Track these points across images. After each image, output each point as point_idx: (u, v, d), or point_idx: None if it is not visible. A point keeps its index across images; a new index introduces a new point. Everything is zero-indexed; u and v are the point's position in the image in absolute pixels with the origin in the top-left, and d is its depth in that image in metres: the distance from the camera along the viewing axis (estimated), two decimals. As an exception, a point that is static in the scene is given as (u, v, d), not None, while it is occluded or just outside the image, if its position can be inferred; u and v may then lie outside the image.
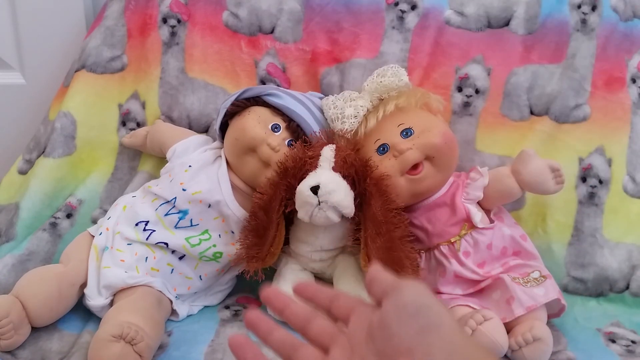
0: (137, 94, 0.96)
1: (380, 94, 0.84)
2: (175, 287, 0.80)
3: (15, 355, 0.70)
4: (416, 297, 0.34)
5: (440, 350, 0.32)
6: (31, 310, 0.71)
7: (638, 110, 0.93)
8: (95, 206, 0.93)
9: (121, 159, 0.95)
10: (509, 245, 0.82)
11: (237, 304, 0.85)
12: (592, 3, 0.92)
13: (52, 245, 0.87)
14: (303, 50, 0.94)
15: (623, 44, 0.93)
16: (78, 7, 1.02)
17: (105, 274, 0.76)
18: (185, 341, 0.75)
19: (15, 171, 0.96)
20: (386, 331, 0.33)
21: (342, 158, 0.76)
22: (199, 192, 0.80)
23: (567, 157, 0.91)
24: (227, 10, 0.95)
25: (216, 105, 0.93)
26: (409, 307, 0.33)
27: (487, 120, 0.92)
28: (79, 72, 0.95)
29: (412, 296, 0.34)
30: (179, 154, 0.86)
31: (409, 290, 0.34)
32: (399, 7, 0.93)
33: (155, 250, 0.79)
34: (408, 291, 0.34)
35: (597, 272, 0.89)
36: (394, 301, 0.34)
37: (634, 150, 0.92)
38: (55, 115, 0.95)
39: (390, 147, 0.80)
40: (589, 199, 0.91)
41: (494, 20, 0.93)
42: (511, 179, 0.81)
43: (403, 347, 0.32)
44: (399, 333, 0.33)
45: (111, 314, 0.70)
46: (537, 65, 0.93)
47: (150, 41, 0.95)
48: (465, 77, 0.92)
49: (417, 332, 0.32)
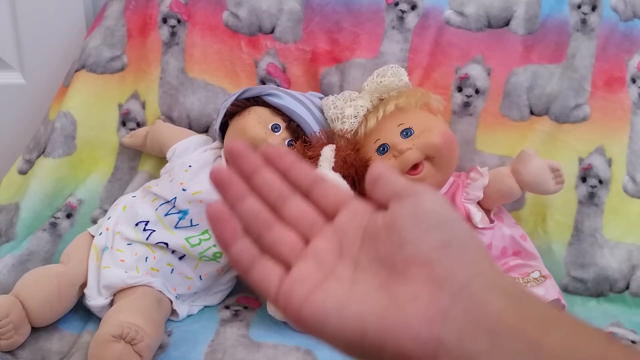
0: (137, 94, 0.96)
1: (380, 94, 0.84)
2: (175, 287, 0.80)
3: (15, 355, 0.70)
4: (440, 207, 0.30)
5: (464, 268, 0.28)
6: (31, 310, 0.71)
7: (638, 110, 0.93)
8: (95, 206, 0.93)
9: (121, 159, 0.95)
10: (509, 245, 0.82)
11: (237, 304, 0.85)
12: (592, 3, 0.92)
13: (52, 245, 0.87)
14: (303, 50, 0.94)
15: (623, 44, 0.93)
16: (78, 7, 1.02)
17: (105, 274, 0.76)
18: (185, 341, 0.75)
19: (15, 171, 0.96)
20: (398, 237, 0.29)
21: (342, 158, 0.76)
22: (199, 192, 0.80)
23: (567, 157, 0.91)
24: (227, 10, 0.95)
25: (216, 105, 0.93)
26: (431, 217, 0.29)
27: (487, 120, 0.92)
28: (79, 72, 0.95)
29: (435, 206, 0.30)
30: (179, 154, 0.86)
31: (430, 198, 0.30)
32: (399, 7, 0.93)
33: (155, 250, 0.79)
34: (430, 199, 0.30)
35: (597, 272, 0.89)
36: (412, 207, 0.30)
37: (634, 150, 0.92)
38: (55, 115, 0.95)
39: (390, 147, 0.80)
40: (589, 199, 0.91)
41: (494, 20, 0.93)
42: (511, 179, 0.81)
43: (420, 259, 0.28)
44: (416, 242, 0.29)
45: (111, 314, 0.70)
46: (537, 65, 0.93)
47: (150, 41, 0.95)
48: (465, 77, 0.92)
49: (439, 245, 0.28)
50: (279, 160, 0.33)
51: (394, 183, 0.31)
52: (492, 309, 0.27)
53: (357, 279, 0.30)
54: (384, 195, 0.31)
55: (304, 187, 0.33)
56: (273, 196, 0.32)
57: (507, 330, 0.26)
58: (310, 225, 0.32)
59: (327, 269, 0.30)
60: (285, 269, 0.31)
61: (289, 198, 0.33)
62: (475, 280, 0.28)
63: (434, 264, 0.28)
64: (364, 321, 0.28)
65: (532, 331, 0.26)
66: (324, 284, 0.30)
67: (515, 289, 0.28)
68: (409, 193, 0.30)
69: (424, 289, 0.28)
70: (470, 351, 0.26)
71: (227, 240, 0.30)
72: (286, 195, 0.33)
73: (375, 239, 0.30)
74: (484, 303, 0.27)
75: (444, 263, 0.28)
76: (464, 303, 0.27)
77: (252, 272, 0.31)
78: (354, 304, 0.28)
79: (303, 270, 0.30)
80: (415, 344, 0.27)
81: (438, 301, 0.27)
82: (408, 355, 0.27)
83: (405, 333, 0.27)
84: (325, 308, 0.29)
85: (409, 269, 0.28)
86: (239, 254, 0.31)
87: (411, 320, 0.27)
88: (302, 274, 0.30)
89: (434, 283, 0.28)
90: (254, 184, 0.33)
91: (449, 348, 0.26)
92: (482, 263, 0.29)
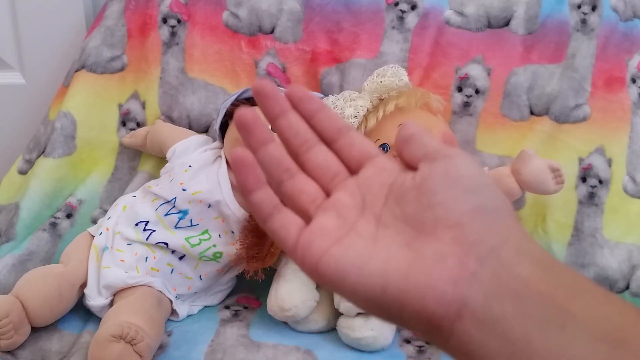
0: (137, 94, 0.96)
1: (380, 94, 0.84)
2: (175, 287, 0.80)
3: (15, 355, 0.70)
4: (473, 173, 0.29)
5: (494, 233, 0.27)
6: (31, 310, 0.71)
7: (638, 110, 0.93)
8: (95, 206, 0.93)
9: (121, 159, 0.95)
10: (509, 245, 0.82)
11: (237, 304, 0.85)
12: (592, 3, 0.92)
13: (52, 245, 0.87)
14: (303, 50, 0.94)
15: (623, 44, 0.93)
16: (78, 7, 1.02)
17: (105, 274, 0.76)
18: (185, 341, 0.75)
19: (15, 171, 0.96)
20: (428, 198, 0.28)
21: (342, 158, 0.76)
22: (199, 192, 0.80)
23: (567, 157, 0.91)
24: (227, 10, 0.95)
25: (216, 105, 0.93)
26: (465, 181, 0.28)
27: (487, 120, 0.92)
28: (79, 72, 0.95)
29: (469, 170, 0.29)
30: (179, 154, 0.86)
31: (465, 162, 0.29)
32: (399, 7, 0.93)
33: (155, 250, 0.79)
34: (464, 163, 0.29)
35: (597, 272, 0.89)
36: (444, 169, 0.29)
37: (634, 150, 0.92)
38: (55, 115, 0.95)
39: (390, 147, 0.80)
40: (589, 199, 0.91)
41: (494, 20, 0.93)
42: (511, 179, 0.81)
43: (450, 221, 0.28)
44: (447, 204, 0.28)
45: (111, 314, 0.70)
46: (537, 65, 0.93)
47: (150, 41, 0.95)
48: (465, 77, 0.92)
49: (471, 209, 0.28)
50: (305, 103, 0.32)
51: (427, 144, 0.30)
52: (520, 273, 0.26)
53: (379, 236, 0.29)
54: (415, 155, 0.30)
55: (328, 135, 0.32)
56: (297, 142, 0.32)
57: (534, 295, 0.25)
58: (332, 177, 0.31)
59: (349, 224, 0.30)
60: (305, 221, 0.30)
61: (314, 146, 0.32)
62: (505, 246, 0.27)
63: (465, 226, 0.27)
64: (386, 277, 0.27)
65: (561, 297, 0.25)
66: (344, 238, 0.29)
67: (545, 256, 0.27)
68: (442, 155, 0.29)
69: (452, 250, 0.27)
70: (497, 314, 0.25)
71: (250, 187, 0.30)
72: (311, 143, 0.32)
73: (402, 197, 0.29)
74: (512, 267, 0.26)
75: (475, 227, 0.27)
76: (492, 266, 0.26)
77: (271, 221, 0.30)
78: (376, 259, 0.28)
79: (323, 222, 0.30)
80: (439, 303, 0.26)
81: (466, 263, 0.27)
82: (430, 314, 0.27)
83: (430, 291, 0.27)
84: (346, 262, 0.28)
85: (438, 229, 0.28)
86: (260, 202, 0.30)
87: (436, 279, 0.27)
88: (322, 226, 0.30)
89: (462, 245, 0.27)
90: (279, 126, 0.32)
91: (473, 310, 0.26)
92: (513, 230, 0.28)
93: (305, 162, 0.32)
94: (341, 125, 0.32)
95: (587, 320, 0.25)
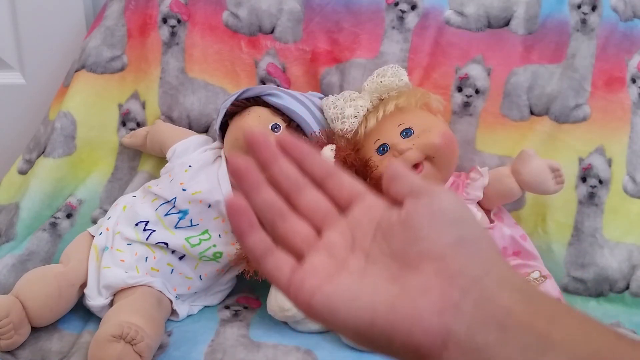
0: (137, 94, 0.96)
1: (380, 94, 0.84)
2: (175, 287, 0.80)
3: (15, 355, 0.70)
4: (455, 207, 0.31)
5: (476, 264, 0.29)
6: (31, 310, 0.71)
7: (638, 110, 0.93)
8: (95, 206, 0.93)
9: (121, 159, 0.95)
10: (509, 245, 0.82)
11: (237, 304, 0.85)
12: (592, 3, 0.92)
13: (52, 245, 0.87)
14: (303, 50, 0.94)
15: (623, 44, 0.93)
16: (78, 7, 1.02)
17: (105, 274, 0.76)
18: (185, 341, 0.75)
19: (15, 171, 0.96)
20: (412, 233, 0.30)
21: (342, 158, 0.76)
22: (199, 192, 0.80)
23: (567, 157, 0.91)
24: (227, 10, 0.95)
25: (216, 105, 0.93)
26: (446, 214, 0.30)
27: (487, 120, 0.92)
28: (79, 72, 0.95)
29: (451, 204, 0.31)
30: (179, 154, 0.86)
31: (446, 196, 0.31)
32: (399, 7, 0.93)
33: (155, 250, 0.79)
34: (446, 198, 0.31)
35: (597, 272, 0.89)
36: (428, 205, 0.30)
37: (634, 150, 0.92)
38: (55, 115, 0.95)
39: (390, 147, 0.80)
40: (589, 199, 0.91)
41: (494, 20, 0.93)
42: (511, 179, 0.81)
43: (434, 253, 0.29)
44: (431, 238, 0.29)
45: (111, 314, 0.70)
46: (537, 65, 0.93)
47: (150, 41, 0.95)
48: (465, 77, 0.92)
49: (454, 241, 0.29)
50: (295, 149, 0.34)
51: (411, 181, 0.32)
52: (502, 303, 0.27)
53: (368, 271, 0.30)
54: (400, 192, 0.32)
55: (318, 178, 0.34)
56: (288, 185, 0.33)
57: (516, 324, 0.26)
58: (323, 217, 0.33)
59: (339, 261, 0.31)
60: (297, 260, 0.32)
61: (304, 188, 0.33)
62: (487, 276, 0.28)
63: (448, 258, 0.29)
64: (374, 311, 0.29)
65: (542, 325, 0.26)
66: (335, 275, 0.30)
67: (525, 285, 0.29)
68: (426, 191, 0.31)
69: (436, 282, 0.28)
70: (480, 343, 0.27)
71: (243, 231, 0.31)
72: (301, 186, 0.33)
73: (388, 233, 0.31)
74: (494, 298, 0.28)
75: (457, 258, 0.29)
76: (475, 297, 0.28)
77: (265, 262, 0.32)
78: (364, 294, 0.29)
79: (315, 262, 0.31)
80: (425, 334, 0.28)
81: (449, 294, 0.28)
82: (417, 345, 0.28)
83: (416, 323, 0.28)
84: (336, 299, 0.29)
85: (422, 263, 0.29)
86: (253, 245, 0.31)
87: (422, 311, 0.28)
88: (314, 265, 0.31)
89: (446, 277, 0.28)
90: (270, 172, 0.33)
91: (458, 339, 0.27)
92: (494, 260, 0.29)
93: (297, 203, 0.33)
94: (330, 168, 0.34)
95: (566, 346, 0.26)
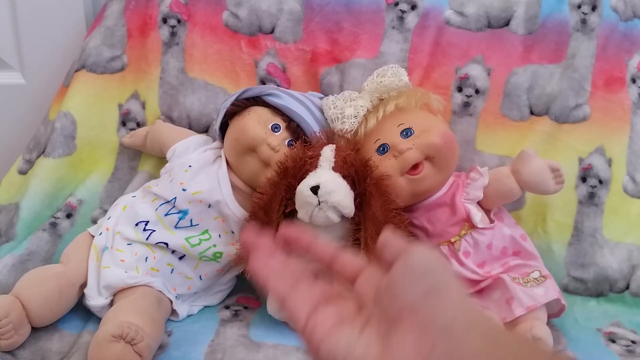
0: (137, 94, 0.96)
1: (380, 94, 0.84)
2: (175, 287, 0.80)
3: (15, 355, 0.70)
4: (425, 260, 0.33)
5: (444, 313, 0.31)
6: (31, 310, 0.71)
7: (638, 110, 0.93)
8: (95, 206, 0.93)
9: (121, 159, 0.95)
10: (509, 245, 0.82)
11: (237, 304, 0.85)
12: (592, 3, 0.92)
13: (52, 245, 0.87)
14: (303, 50, 0.94)
15: (623, 44, 0.93)
16: (78, 7, 1.02)
17: (105, 274, 0.76)
18: (185, 341, 0.75)
19: (15, 171, 0.96)
20: (392, 292, 0.33)
21: (342, 158, 0.76)
22: (199, 192, 0.80)
23: (567, 157, 0.91)
24: (227, 10, 0.95)
25: (216, 105, 0.93)
26: (416, 269, 0.33)
27: (487, 120, 0.92)
28: (79, 72, 0.95)
29: (421, 259, 0.33)
30: (179, 154, 0.86)
31: (418, 253, 0.34)
32: (399, 7, 0.93)
33: (155, 250, 0.79)
34: (418, 254, 0.34)
35: (597, 272, 0.89)
36: (403, 262, 0.34)
37: (634, 150, 0.92)
38: (55, 115, 0.95)
39: (390, 147, 0.80)
40: (589, 199, 0.91)
41: (494, 20, 0.93)
42: (511, 179, 0.81)
43: (407, 308, 0.32)
44: (404, 293, 0.33)
45: (111, 314, 0.70)
46: (537, 65, 0.93)
47: (150, 41, 0.95)
48: (465, 77, 0.92)
49: (423, 293, 0.32)
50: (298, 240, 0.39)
51: (397, 245, 0.35)
52: (470, 347, 0.30)
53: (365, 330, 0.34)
54: (390, 257, 0.35)
55: (326, 260, 0.39)
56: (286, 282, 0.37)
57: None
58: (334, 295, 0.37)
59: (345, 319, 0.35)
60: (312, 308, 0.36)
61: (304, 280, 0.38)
62: (455, 322, 0.31)
63: (419, 310, 0.32)
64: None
65: None
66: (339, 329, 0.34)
67: (492, 327, 0.31)
68: (404, 250, 0.34)
69: (410, 335, 0.31)
70: None
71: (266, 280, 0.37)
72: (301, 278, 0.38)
73: (380, 297, 0.35)
74: (463, 343, 0.30)
75: (427, 308, 0.32)
76: (445, 345, 0.30)
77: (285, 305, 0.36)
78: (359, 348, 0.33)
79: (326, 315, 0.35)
80: None
81: (422, 345, 0.31)
82: None
83: None
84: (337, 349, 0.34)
85: (401, 318, 0.32)
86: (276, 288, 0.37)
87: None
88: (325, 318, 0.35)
89: (418, 328, 0.31)
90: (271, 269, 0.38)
91: None
92: (462, 305, 0.32)
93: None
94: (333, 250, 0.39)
95: None
